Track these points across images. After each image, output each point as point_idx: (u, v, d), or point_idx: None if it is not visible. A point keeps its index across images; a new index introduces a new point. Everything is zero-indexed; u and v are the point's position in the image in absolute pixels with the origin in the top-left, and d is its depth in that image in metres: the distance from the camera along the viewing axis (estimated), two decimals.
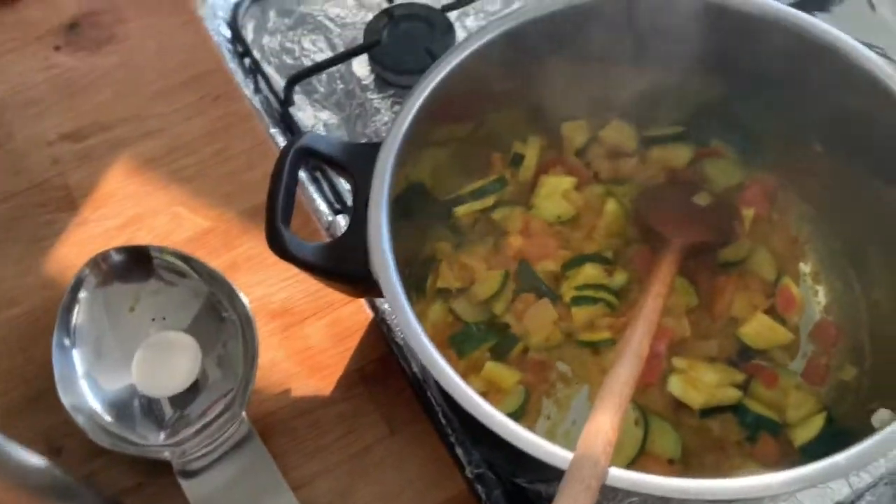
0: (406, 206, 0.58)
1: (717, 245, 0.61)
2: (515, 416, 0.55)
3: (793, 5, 0.80)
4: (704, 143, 0.66)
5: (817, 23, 0.55)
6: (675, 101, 0.65)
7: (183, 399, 0.54)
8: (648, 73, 0.63)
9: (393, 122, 0.53)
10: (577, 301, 0.60)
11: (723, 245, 0.61)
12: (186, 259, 0.57)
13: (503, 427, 0.42)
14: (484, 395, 0.52)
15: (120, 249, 0.58)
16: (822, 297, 0.62)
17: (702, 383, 0.56)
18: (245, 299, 0.56)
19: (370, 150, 0.52)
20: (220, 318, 0.56)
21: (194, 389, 0.54)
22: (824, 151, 0.60)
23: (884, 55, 0.80)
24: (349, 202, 0.70)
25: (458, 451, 0.55)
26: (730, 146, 0.65)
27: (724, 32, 0.58)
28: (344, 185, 0.72)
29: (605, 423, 0.44)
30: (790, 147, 0.62)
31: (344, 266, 0.49)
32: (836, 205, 0.62)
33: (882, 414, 0.50)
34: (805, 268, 0.64)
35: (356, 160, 0.52)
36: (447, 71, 0.56)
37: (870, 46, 0.80)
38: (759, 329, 0.59)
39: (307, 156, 0.52)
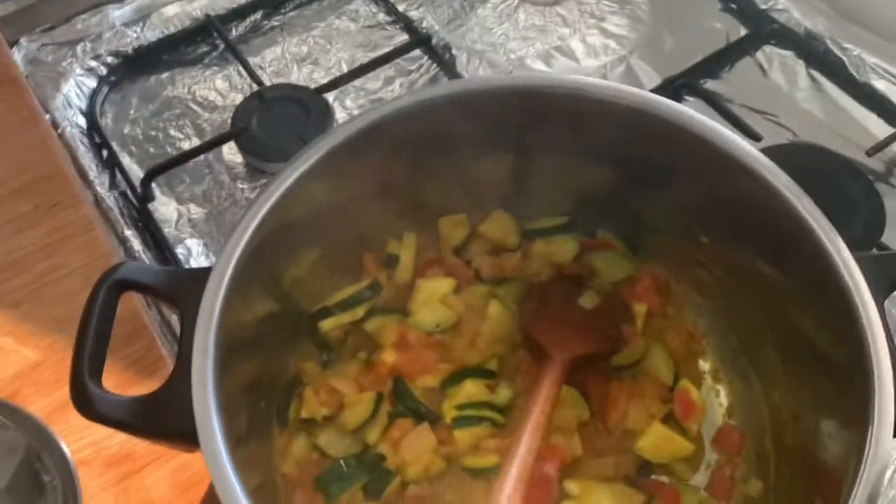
0: (264, 321, 0.52)
1: (604, 355, 0.56)
2: None
3: (683, 73, 0.79)
4: (591, 234, 0.61)
5: (694, 114, 0.51)
6: (559, 191, 0.60)
7: None
8: (529, 162, 0.59)
9: (227, 238, 0.47)
10: (458, 422, 0.54)
11: (610, 354, 0.56)
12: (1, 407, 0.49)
13: None
14: None
15: None
16: (723, 398, 0.58)
17: None
18: (68, 452, 0.48)
19: (199, 278, 0.45)
20: (38, 479, 0.48)
21: None
22: (710, 242, 0.56)
23: (777, 122, 0.78)
24: None
25: None
26: (617, 237, 0.61)
27: (605, 123, 0.53)
28: None
29: None
30: (678, 238, 0.58)
31: (163, 424, 0.42)
32: (729, 298, 0.58)
33: None
34: (705, 365, 0.59)
35: (184, 290, 0.45)
36: (303, 168, 0.50)
37: (763, 114, 0.79)
38: (657, 441, 0.54)
39: (127, 288, 0.45)
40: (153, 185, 0.73)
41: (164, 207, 0.73)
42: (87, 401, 0.41)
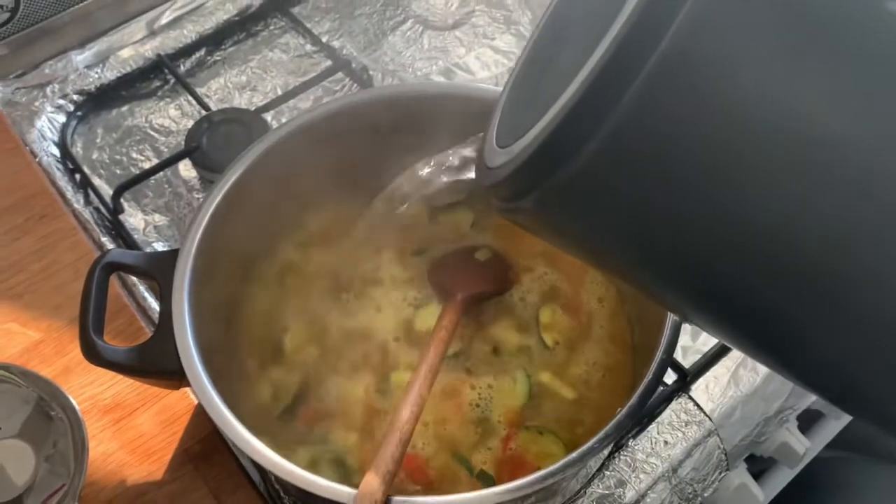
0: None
1: (497, 293, 0.71)
2: None
3: None
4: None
5: None
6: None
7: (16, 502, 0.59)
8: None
9: (189, 224, 0.61)
10: None
11: (502, 292, 0.71)
12: (11, 370, 0.62)
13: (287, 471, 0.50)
14: None
15: None
16: None
17: None
18: (72, 399, 0.61)
19: (170, 256, 0.59)
20: (49, 418, 0.62)
21: (28, 491, 0.59)
22: None
23: None
24: None
25: None
26: None
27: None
28: None
29: (384, 457, 0.52)
30: None
31: (155, 364, 0.56)
32: None
33: None
34: None
35: (160, 267, 0.59)
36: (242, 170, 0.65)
37: None
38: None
39: (114, 269, 0.59)
40: (122, 200, 0.86)
41: (133, 218, 0.87)
42: (94, 351, 0.55)
